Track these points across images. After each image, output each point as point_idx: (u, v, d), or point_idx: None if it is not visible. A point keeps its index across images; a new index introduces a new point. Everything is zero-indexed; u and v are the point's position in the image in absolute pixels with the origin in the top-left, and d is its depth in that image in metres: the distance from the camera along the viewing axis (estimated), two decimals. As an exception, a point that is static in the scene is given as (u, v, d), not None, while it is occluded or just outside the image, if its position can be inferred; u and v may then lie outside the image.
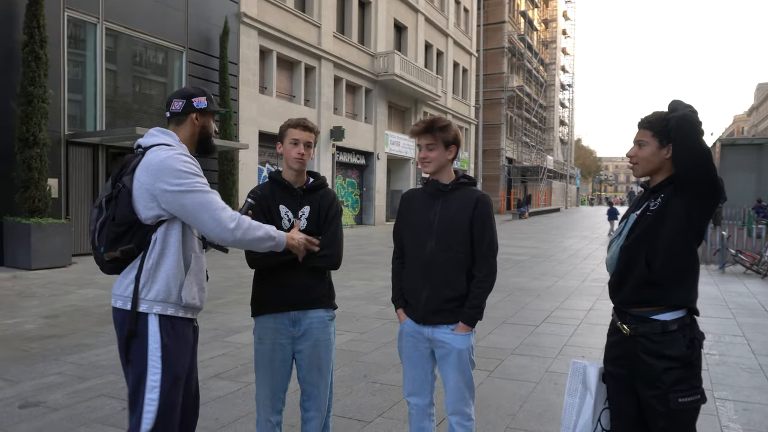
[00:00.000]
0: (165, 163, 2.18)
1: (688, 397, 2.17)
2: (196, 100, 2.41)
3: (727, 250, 12.42)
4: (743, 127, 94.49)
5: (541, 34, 56.26)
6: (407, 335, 2.77)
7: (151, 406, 2.19)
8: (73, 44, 12.80)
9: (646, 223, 2.26)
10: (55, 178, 11.90)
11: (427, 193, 2.74)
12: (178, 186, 2.17)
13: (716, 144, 22.49)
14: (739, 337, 6.34)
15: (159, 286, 2.22)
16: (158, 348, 2.21)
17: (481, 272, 2.65)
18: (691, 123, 2.12)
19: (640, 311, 2.27)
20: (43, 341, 5.75)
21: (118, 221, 2.21)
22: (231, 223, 2.20)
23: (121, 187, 2.23)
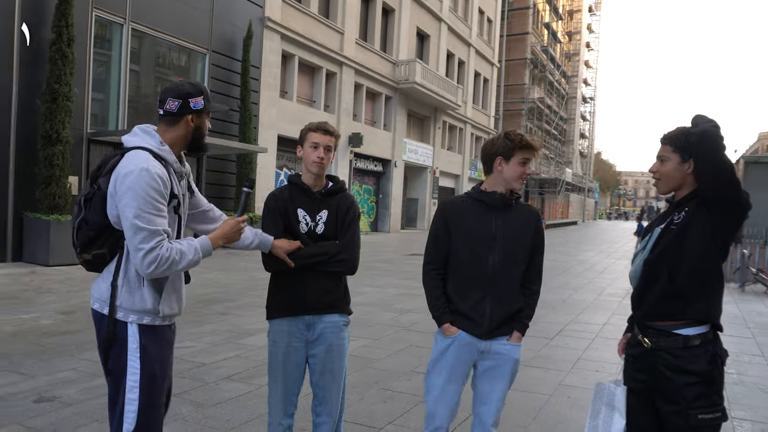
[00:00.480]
0: (128, 178, 2.09)
1: (709, 414, 2.13)
2: (193, 100, 2.29)
3: (747, 269, 12.22)
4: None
5: (565, 46, 56.07)
6: (459, 350, 2.62)
7: (132, 405, 2.18)
8: (99, 44, 13.00)
9: (669, 237, 2.24)
10: (76, 175, 12.06)
11: (485, 204, 2.63)
12: (126, 208, 2.08)
13: (740, 161, 22.17)
14: (758, 357, 6.22)
15: (135, 297, 2.19)
16: (137, 349, 2.19)
17: (535, 285, 2.71)
18: (711, 138, 2.10)
19: (662, 325, 2.25)
20: (59, 337, 5.81)
21: (90, 225, 2.18)
22: (147, 269, 2.10)
23: (96, 189, 2.19)
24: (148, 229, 2.08)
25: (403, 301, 8.68)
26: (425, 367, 2.79)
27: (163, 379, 2.29)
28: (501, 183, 2.62)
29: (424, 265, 2.74)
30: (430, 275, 2.70)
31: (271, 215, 2.75)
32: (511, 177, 2.59)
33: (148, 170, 2.11)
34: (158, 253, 2.09)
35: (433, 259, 2.70)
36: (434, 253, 2.70)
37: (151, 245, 2.08)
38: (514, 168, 2.58)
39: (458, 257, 2.64)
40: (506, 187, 2.63)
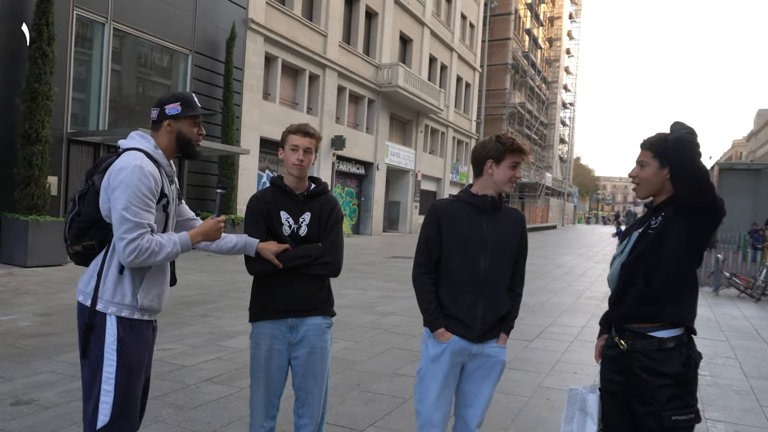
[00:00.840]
0: (121, 174, 2.24)
1: (682, 415, 2.18)
2: (168, 107, 2.44)
3: (721, 273, 12.46)
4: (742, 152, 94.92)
5: (545, 52, 56.64)
6: (452, 354, 2.60)
7: (107, 397, 2.25)
8: (80, 43, 12.87)
9: (647, 241, 2.29)
10: (55, 175, 11.91)
11: (478, 207, 2.62)
12: (116, 200, 2.23)
13: (714, 168, 22.59)
14: (732, 360, 6.36)
15: (116, 289, 2.30)
16: (114, 341, 2.28)
17: (519, 287, 2.76)
18: (686, 145, 2.15)
19: (638, 327, 2.30)
20: (36, 339, 5.75)
21: (82, 218, 2.33)
22: (128, 257, 2.22)
23: (90, 185, 2.34)
24: (133, 221, 2.21)
25: (384, 304, 8.71)
26: (407, 369, 2.81)
27: (140, 372, 2.37)
28: (491, 186, 2.63)
29: (415, 268, 2.70)
30: (422, 279, 2.66)
31: (254, 217, 2.75)
32: (501, 180, 2.60)
33: (141, 168, 2.26)
34: (139, 243, 2.22)
35: (424, 261, 2.67)
36: (426, 256, 2.66)
37: (133, 236, 2.21)
38: (505, 171, 2.59)
39: (450, 260, 2.61)
40: (496, 190, 2.64)
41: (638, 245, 2.32)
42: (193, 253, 14.92)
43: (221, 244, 2.68)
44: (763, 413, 4.62)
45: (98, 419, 2.25)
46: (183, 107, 2.45)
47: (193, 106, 2.48)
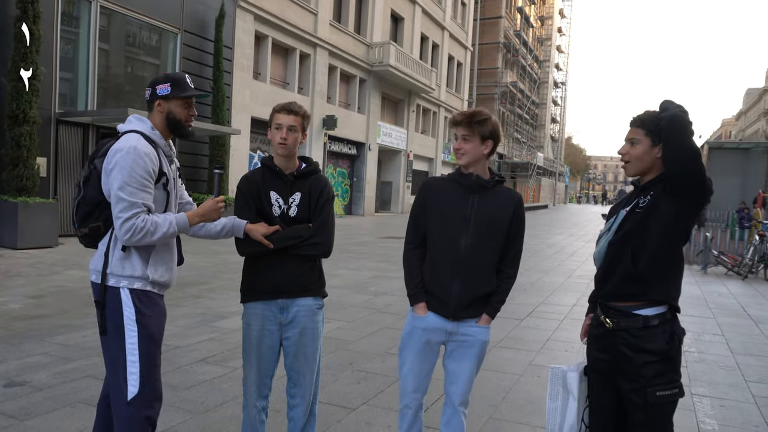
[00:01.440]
0: (117, 155, 2.31)
1: (667, 390, 2.22)
2: (159, 87, 2.48)
3: (709, 252, 12.59)
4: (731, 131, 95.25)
5: (537, 30, 56.30)
6: (424, 330, 2.68)
7: (134, 367, 2.33)
8: (67, 21, 12.66)
9: (634, 220, 2.30)
10: (44, 156, 11.81)
11: (462, 185, 2.64)
12: (114, 180, 2.30)
13: (704, 147, 22.67)
14: (718, 336, 6.46)
15: (124, 264, 2.37)
16: (132, 312, 2.35)
17: (510, 269, 2.70)
18: (681, 123, 2.15)
19: (623, 306, 2.32)
20: (28, 321, 5.75)
21: (87, 201, 2.41)
22: (124, 236, 2.30)
23: (92, 168, 2.41)
24: (128, 200, 2.28)
25: (377, 284, 8.76)
26: (399, 347, 2.85)
27: (160, 340, 2.46)
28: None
29: (405, 244, 2.78)
30: (408, 254, 2.73)
31: (244, 198, 2.73)
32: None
33: (136, 148, 2.32)
34: (134, 222, 2.29)
35: (412, 238, 2.74)
36: (413, 232, 2.73)
37: (128, 215, 2.28)
38: (453, 145, 2.66)
39: (432, 238, 2.66)
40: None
41: (625, 224, 2.33)
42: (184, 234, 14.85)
43: (209, 227, 2.69)
44: (748, 388, 4.71)
45: (128, 390, 2.33)
46: (173, 88, 2.48)
47: (183, 87, 2.50)
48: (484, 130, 2.58)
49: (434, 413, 3.65)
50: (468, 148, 2.59)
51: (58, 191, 12.35)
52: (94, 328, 5.52)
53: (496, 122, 2.65)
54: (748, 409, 4.26)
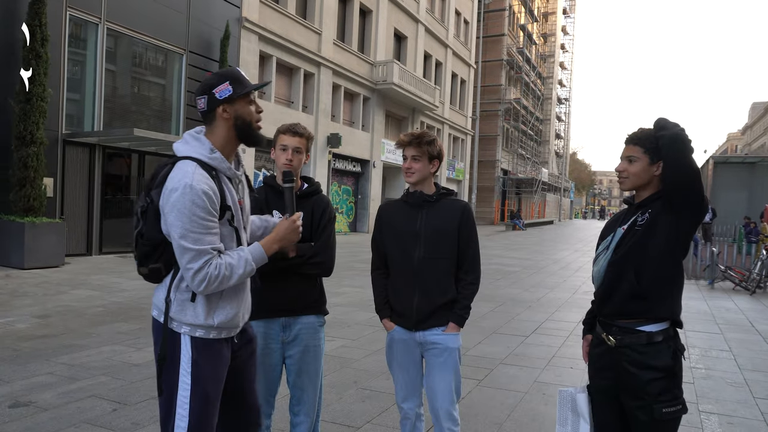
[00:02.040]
0: (173, 196, 2.02)
1: (672, 407, 2.22)
2: (217, 90, 2.12)
3: (716, 267, 12.52)
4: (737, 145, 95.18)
5: (540, 48, 56.65)
6: (398, 342, 2.84)
7: (182, 422, 2.11)
8: (74, 43, 12.85)
9: (635, 238, 2.30)
10: (51, 177, 11.90)
11: (409, 203, 2.81)
12: (173, 227, 2.03)
13: (709, 161, 22.66)
14: (726, 352, 6.41)
15: (187, 311, 2.12)
16: (188, 364, 2.11)
17: (469, 276, 2.80)
18: (683, 142, 2.18)
19: (625, 323, 2.32)
20: (34, 341, 5.76)
21: (145, 239, 2.12)
22: (199, 287, 2.05)
23: (149, 202, 2.10)
24: (194, 249, 2.02)
25: (381, 302, 8.74)
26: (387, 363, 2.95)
27: (216, 400, 2.18)
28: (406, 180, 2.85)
29: (371, 266, 2.99)
30: (373, 275, 2.97)
31: None
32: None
33: (192, 187, 2.01)
34: (207, 272, 2.03)
35: (375, 259, 2.96)
36: (375, 255, 2.96)
37: (198, 265, 2.02)
38: (404, 164, 2.80)
39: (391, 256, 2.86)
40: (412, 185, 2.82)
41: (625, 242, 2.33)
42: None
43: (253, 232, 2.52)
44: (756, 405, 4.66)
45: None
46: (234, 86, 2.13)
47: (243, 81, 2.16)
48: (432, 151, 2.77)
49: None
50: (418, 167, 2.77)
51: (65, 211, 12.44)
52: (99, 348, 5.54)
53: (441, 143, 2.86)
54: (757, 426, 4.22)
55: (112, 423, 3.77)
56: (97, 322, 6.63)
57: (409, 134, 2.79)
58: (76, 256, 12.58)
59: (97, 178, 13.22)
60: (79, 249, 12.86)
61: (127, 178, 14.88)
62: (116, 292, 8.63)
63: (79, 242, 12.92)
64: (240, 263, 2.12)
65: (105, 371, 4.85)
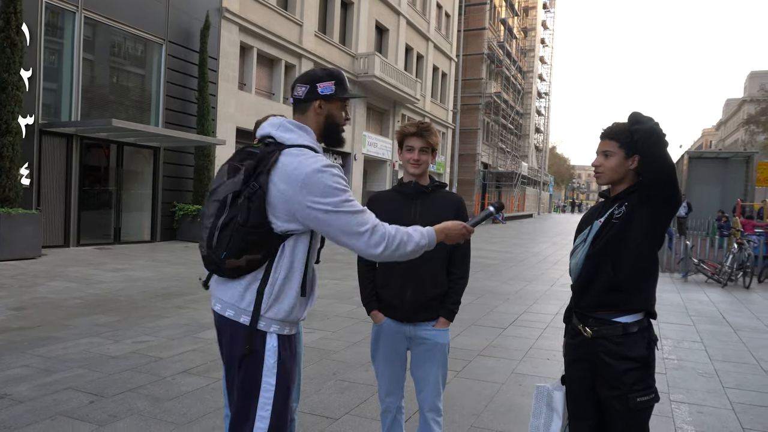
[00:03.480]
0: (313, 178, 1.94)
1: (646, 396, 2.28)
2: (321, 85, 2.12)
3: (690, 260, 12.76)
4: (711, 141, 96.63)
5: (520, 42, 56.87)
6: (386, 335, 2.81)
7: (263, 423, 2.03)
8: (51, 32, 12.62)
9: (612, 231, 2.35)
10: (27, 167, 11.72)
11: (403, 194, 2.77)
12: (325, 205, 1.93)
13: (684, 156, 23.04)
14: (698, 343, 6.56)
15: (283, 305, 2.02)
16: (274, 364, 2.03)
17: (460, 270, 2.80)
18: (658, 136, 2.22)
19: (602, 314, 2.37)
20: (10, 333, 5.70)
21: (251, 228, 1.94)
22: (377, 249, 1.98)
23: (257, 188, 1.94)
24: (358, 210, 1.96)
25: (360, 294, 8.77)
26: (370, 355, 2.95)
27: (292, 392, 2.17)
28: (407, 172, 2.81)
29: (357, 257, 2.86)
30: (359, 266, 2.90)
31: None
32: (404, 164, 2.78)
33: (327, 168, 1.98)
34: (384, 230, 1.98)
35: None
36: None
37: (371, 224, 1.97)
38: (404, 155, 2.77)
39: None
40: (409, 175, 2.79)
41: (602, 235, 2.38)
42: (167, 244, 14.83)
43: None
44: (725, 395, 4.79)
45: None
46: (337, 87, 2.15)
47: (346, 87, 2.19)
48: (436, 142, 2.76)
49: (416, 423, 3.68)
50: (425, 159, 2.75)
51: (42, 202, 12.25)
52: (76, 340, 5.50)
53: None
54: (726, 415, 4.34)
55: (89, 415, 3.76)
56: (74, 314, 6.57)
57: (415, 125, 2.74)
58: (53, 247, 12.40)
59: (75, 169, 13.04)
60: (56, 240, 12.69)
61: (106, 169, 14.71)
62: (94, 284, 8.55)
63: (57, 234, 12.75)
64: (415, 233, 2.07)
65: (82, 363, 4.82)
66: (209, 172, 16.05)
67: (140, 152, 15.15)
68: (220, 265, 1.99)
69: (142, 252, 13.01)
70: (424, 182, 2.79)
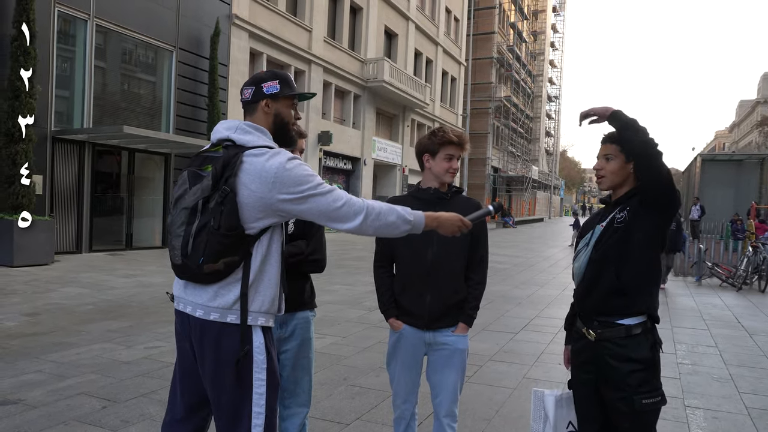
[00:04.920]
0: (283, 173, 1.98)
1: (651, 398, 2.26)
2: (266, 85, 2.18)
3: (704, 263, 12.65)
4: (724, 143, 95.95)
5: (530, 45, 56.80)
6: (405, 343, 2.78)
7: (259, 419, 2.06)
8: (63, 40, 12.76)
9: (615, 235, 2.35)
10: (40, 174, 11.83)
11: (422, 200, 2.75)
12: (302, 193, 1.99)
13: (697, 159, 22.85)
14: (712, 348, 6.49)
15: (263, 296, 2.05)
16: (264, 360, 2.05)
17: (478, 275, 2.78)
18: (653, 148, 2.23)
19: (605, 317, 2.37)
20: (23, 339, 5.74)
21: (225, 231, 1.95)
22: (357, 218, 2.03)
23: (228, 191, 1.96)
24: (330, 189, 2.03)
25: (371, 299, 8.77)
26: (386, 361, 2.93)
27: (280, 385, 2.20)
28: (433, 178, 2.78)
29: (374, 263, 2.91)
30: (377, 272, 2.89)
31: None
32: (439, 172, 2.73)
33: (292, 160, 2.02)
34: (360, 201, 2.05)
35: (379, 257, 2.89)
36: (380, 252, 2.88)
37: (345, 198, 2.03)
38: (440, 163, 2.73)
39: (400, 254, 2.78)
40: (439, 182, 2.77)
41: (604, 239, 2.38)
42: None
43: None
44: (741, 400, 4.73)
45: None
46: (282, 85, 2.20)
47: (291, 85, 2.24)
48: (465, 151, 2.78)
49: (427, 428, 3.66)
50: (457, 167, 2.77)
51: (54, 208, 12.36)
52: (89, 346, 5.53)
53: None
54: (741, 420, 4.28)
55: (101, 420, 3.78)
56: (86, 320, 6.61)
57: (456, 134, 2.74)
58: (65, 253, 12.50)
59: (87, 176, 13.14)
60: (68, 247, 12.79)
61: (117, 176, 14.82)
62: (106, 290, 8.60)
63: (69, 240, 12.86)
64: (395, 211, 2.10)
65: (94, 369, 4.84)
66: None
67: (151, 158, 15.25)
68: (197, 271, 2.00)
69: (154, 258, 13.07)
70: (443, 188, 2.79)
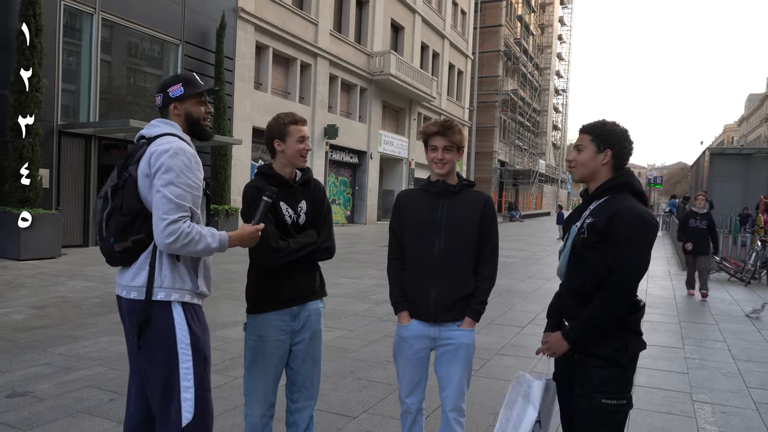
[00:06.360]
0: (166, 155, 2.16)
1: (612, 399, 2.19)
2: (171, 89, 2.37)
3: (712, 258, 12.55)
4: (733, 136, 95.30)
5: (537, 38, 56.51)
6: (411, 337, 2.75)
7: (188, 393, 2.19)
8: (69, 34, 12.77)
9: (581, 242, 2.31)
10: (47, 168, 11.87)
11: (431, 193, 2.72)
12: (158, 179, 2.14)
13: (706, 153, 22.70)
14: (720, 342, 6.45)
15: (174, 275, 2.22)
16: (186, 335, 2.20)
17: (487, 270, 2.72)
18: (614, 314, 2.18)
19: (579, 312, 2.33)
20: (31, 332, 5.77)
21: (125, 211, 2.19)
22: (169, 237, 2.10)
23: (127, 176, 2.21)
24: (175, 202, 2.12)
25: (378, 292, 8.77)
26: (393, 355, 2.90)
27: (210, 360, 2.32)
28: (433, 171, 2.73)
29: (388, 255, 2.88)
30: (391, 265, 2.84)
31: None
32: (429, 163, 2.71)
33: (184, 150, 2.20)
34: (180, 226, 2.11)
35: (393, 249, 2.84)
36: (393, 244, 2.84)
37: (174, 217, 2.11)
38: (428, 154, 2.71)
39: (408, 246, 2.75)
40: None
41: (577, 244, 2.34)
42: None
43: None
44: (749, 395, 4.70)
45: (182, 417, 2.19)
46: (185, 87, 2.37)
47: (195, 84, 2.40)
48: (461, 140, 2.68)
49: (436, 420, 3.65)
50: (450, 157, 2.67)
51: (61, 202, 12.40)
52: (96, 338, 5.55)
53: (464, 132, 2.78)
54: (750, 415, 4.25)
55: (109, 413, 3.79)
56: (93, 313, 6.64)
57: (438, 123, 2.67)
58: (72, 247, 12.56)
59: (94, 169, 13.17)
60: (75, 240, 12.84)
61: (124, 169, 14.83)
62: (112, 283, 8.59)
63: (76, 233, 12.91)
64: (209, 235, 2.20)
65: (102, 362, 4.86)
66: (226, 172, 16.15)
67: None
68: (111, 251, 2.23)
69: (161, 251, 13.09)
70: (452, 181, 2.72)
